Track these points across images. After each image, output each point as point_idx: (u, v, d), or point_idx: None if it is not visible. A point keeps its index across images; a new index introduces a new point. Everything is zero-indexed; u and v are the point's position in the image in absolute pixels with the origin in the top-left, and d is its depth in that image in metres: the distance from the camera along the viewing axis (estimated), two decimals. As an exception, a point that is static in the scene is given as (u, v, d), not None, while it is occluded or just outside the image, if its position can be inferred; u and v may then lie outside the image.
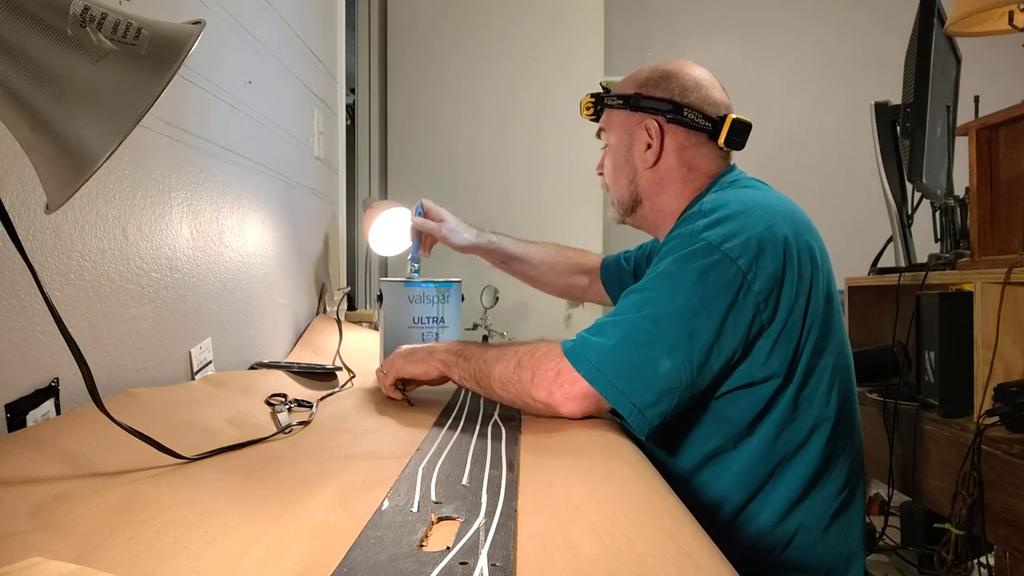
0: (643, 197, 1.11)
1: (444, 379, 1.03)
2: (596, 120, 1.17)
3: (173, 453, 0.69)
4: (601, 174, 1.18)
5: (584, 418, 0.89)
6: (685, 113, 1.05)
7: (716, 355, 0.86)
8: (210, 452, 0.73)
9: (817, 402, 0.94)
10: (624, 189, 1.13)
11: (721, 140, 1.06)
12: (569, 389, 0.85)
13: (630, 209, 1.14)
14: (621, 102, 1.10)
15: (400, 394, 1.05)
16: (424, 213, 1.42)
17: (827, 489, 0.95)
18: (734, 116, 1.07)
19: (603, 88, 1.14)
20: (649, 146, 1.08)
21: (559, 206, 2.75)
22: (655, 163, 1.08)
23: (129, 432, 0.66)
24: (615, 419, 0.97)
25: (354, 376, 1.25)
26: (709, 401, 0.93)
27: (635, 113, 1.09)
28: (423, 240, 1.40)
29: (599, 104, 1.14)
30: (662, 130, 1.07)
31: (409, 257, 1.40)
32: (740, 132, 1.07)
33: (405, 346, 1.08)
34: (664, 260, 0.90)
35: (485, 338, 2.41)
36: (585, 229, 2.70)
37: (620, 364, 0.84)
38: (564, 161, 2.74)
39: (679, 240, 0.91)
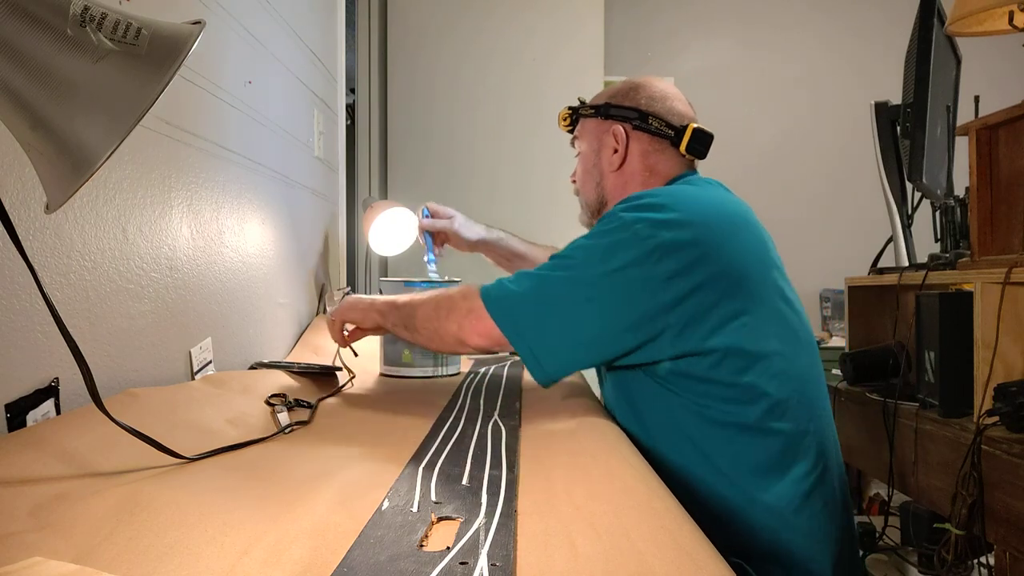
0: (608, 199, 1.18)
1: (381, 328, 1.14)
2: (572, 131, 1.25)
3: (173, 453, 0.69)
4: (574, 181, 1.26)
5: (488, 352, 1.02)
6: (650, 121, 1.13)
7: (615, 323, 0.92)
8: (210, 452, 0.73)
9: (753, 383, 0.95)
10: (592, 192, 1.20)
11: (683, 147, 1.13)
12: (477, 324, 0.95)
13: (597, 211, 1.20)
14: (593, 111, 1.19)
15: (345, 340, 1.18)
16: (431, 214, 1.45)
17: (793, 472, 0.96)
18: (695, 125, 1.13)
19: (580, 101, 1.23)
20: (616, 151, 1.15)
21: (560, 206, 2.75)
22: (620, 166, 1.16)
23: (129, 432, 0.66)
24: (614, 420, 0.98)
25: (354, 376, 1.25)
26: (637, 372, 1.00)
27: (605, 121, 1.17)
28: (435, 240, 1.44)
29: (575, 115, 1.23)
30: (628, 136, 1.15)
31: (425, 260, 1.42)
32: (701, 141, 1.13)
33: (354, 295, 1.19)
34: (587, 234, 0.99)
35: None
36: (586, 229, 2.70)
37: (525, 311, 0.93)
38: (565, 161, 2.73)
39: (603, 218, 0.99)
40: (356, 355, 1.22)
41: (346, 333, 1.19)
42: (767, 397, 0.95)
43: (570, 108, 1.23)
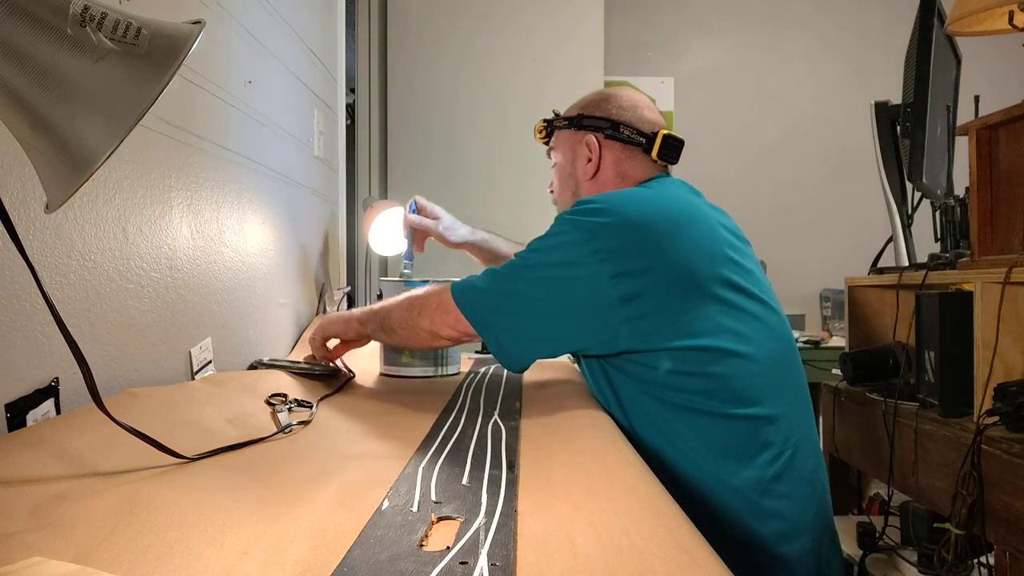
0: None
1: (364, 337, 1.20)
2: (548, 143, 1.29)
3: (173, 453, 0.69)
4: (552, 191, 1.30)
5: (460, 343, 1.11)
6: (621, 129, 1.18)
7: (566, 318, 0.99)
8: (210, 452, 0.73)
9: (711, 373, 0.97)
10: (569, 201, 1.21)
11: (654, 154, 1.17)
12: (446, 317, 1.03)
13: None
14: (566, 123, 1.23)
15: (331, 355, 1.22)
16: (418, 210, 1.44)
17: (760, 457, 0.97)
18: (665, 132, 1.17)
19: (554, 113, 1.26)
20: (590, 160, 1.20)
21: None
22: (594, 175, 1.20)
23: (129, 431, 0.66)
24: (614, 418, 0.98)
25: (353, 376, 1.25)
26: (606, 364, 1.05)
27: (578, 132, 1.21)
28: (416, 237, 1.44)
29: (550, 127, 1.27)
30: (600, 145, 1.19)
31: (403, 255, 1.42)
32: (672, 147, 1.17)
33: (329, 313, 1.22)
34: (542, 235, 1.04)
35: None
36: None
37: (488, 303, 1.01)
38: (564, 161, 2.74)
39: (555, 221, 1.04)
40: (353, 374, 1.25)
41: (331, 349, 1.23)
42: (725, 384, 0.97)
43: (545, 120, 1.27)
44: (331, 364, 1.23)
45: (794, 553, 0.97)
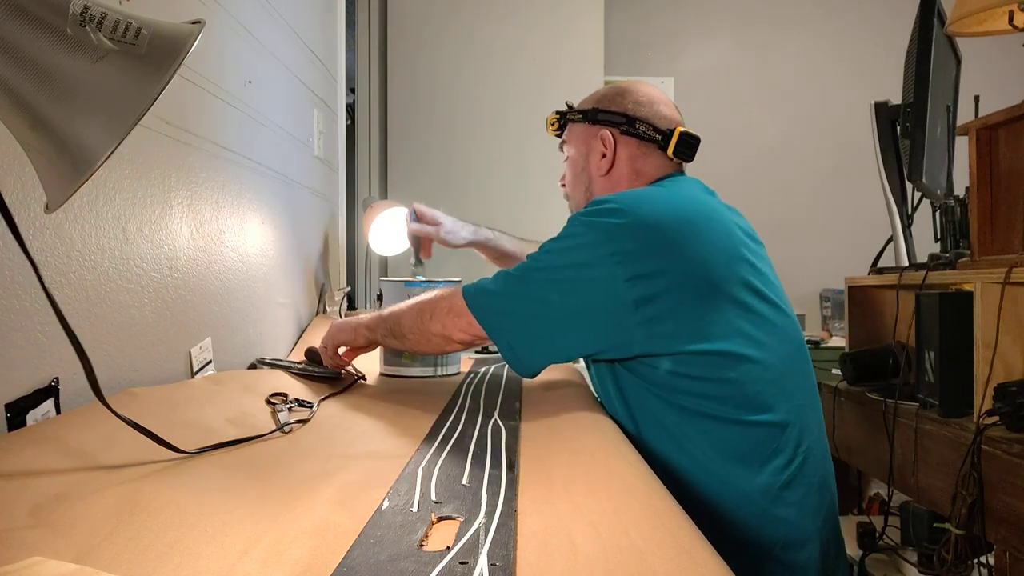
0: None
1: (373, 343, 1.19)
2: (560, 135, 1.27)
3: (172, 447, 0.69)
4: (564, 185, 1.28)
5: (472, 347, 1.09)
6: (637, 125, 1.15)
7: (580, 321, 0.96)
8: (209, 446, 0.73)
9: (723, 378, 0.96)
10: (581, 197, 1.21)
11: (670, 151, 1.15)
12: (458, 320, 1.01)
13: None
14: (581, 116, 1.20)
15: (342, 361, 1.20)
16: (418, 217, 1.44)
17: (771, 463, 0.97)
18: (682, 129, 1.15)
19: (568, 106, 1.24)
20: (604, 155, 1.17)
21: (558, 205, 2.74)
22: (609, 171, 1.18)
23: (128, 424, 0.66)
24: (614, 419, 0.98)
25: (363, 377, 1.25)
26: (614, 363, 1.03)
27: (593, 126, 1.19)
28: (422, 244, 1.44)
29: (563, 120, 1.24)
30: (615, 140, 1.17)
31: (411, 263, 1.43)
32: (688, 144, 1.15)
33: (337, 320, 1.21)
34: (555, 236, 1.02)
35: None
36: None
37: (500, 307, 0.99)
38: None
39: (568, 222, 1.02)
40: (362, 375, 1.25)
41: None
42: (739, 390, 0.96)
43: (558, 113, 1.25)
44: (344, 370, 1.23)
45: (801, 561, 0.97)
